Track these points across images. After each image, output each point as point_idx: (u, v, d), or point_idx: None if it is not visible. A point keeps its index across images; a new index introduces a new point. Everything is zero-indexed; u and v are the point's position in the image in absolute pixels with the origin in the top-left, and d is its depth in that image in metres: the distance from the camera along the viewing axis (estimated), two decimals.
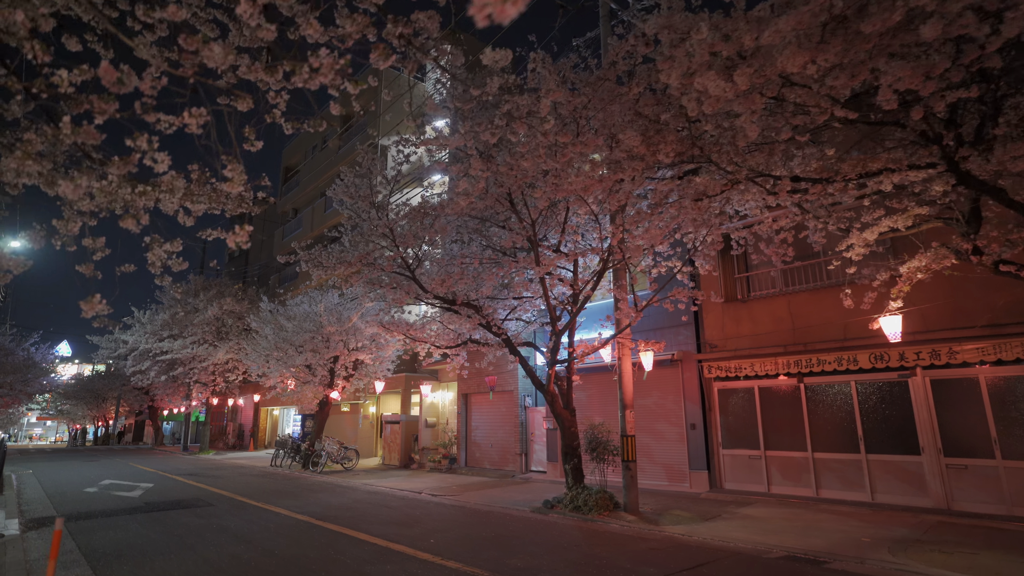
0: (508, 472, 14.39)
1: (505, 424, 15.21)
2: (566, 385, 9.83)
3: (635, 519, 8.21)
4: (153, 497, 10.89)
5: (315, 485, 13.05)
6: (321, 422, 17.29)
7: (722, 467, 10.44)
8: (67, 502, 10.35)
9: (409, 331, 11.61)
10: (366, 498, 10.86)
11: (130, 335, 23.83)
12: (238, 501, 10.32)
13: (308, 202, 28.30)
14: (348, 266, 8.73)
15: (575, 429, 9.56)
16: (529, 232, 8.35)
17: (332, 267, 9.09)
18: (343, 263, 8.91)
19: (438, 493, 11.38)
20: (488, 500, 10.33)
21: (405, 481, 13.51)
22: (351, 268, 8.96)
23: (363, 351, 15.75)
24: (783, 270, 10.10)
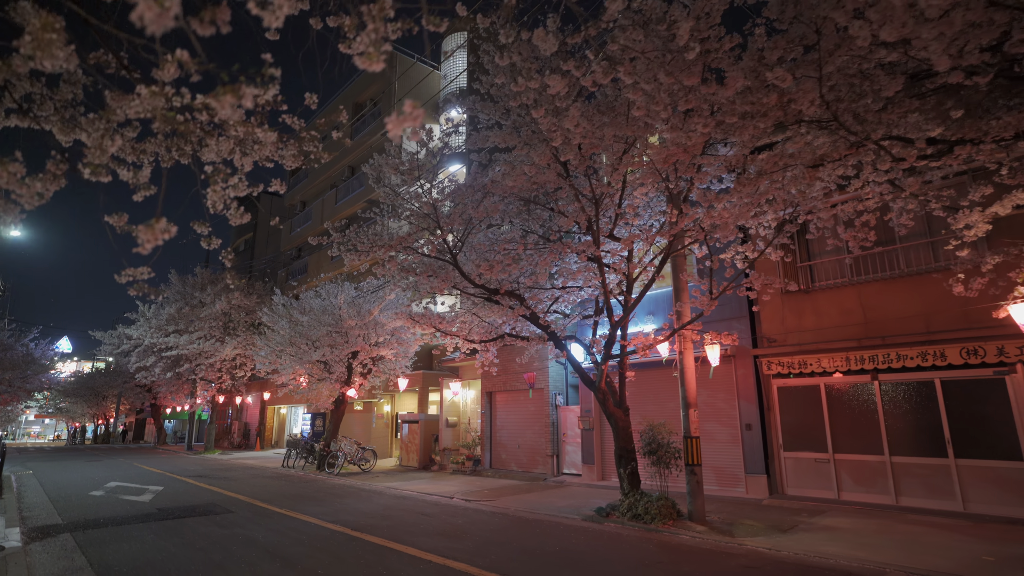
0: (538, 475, 13.59)
1: (534, 424, 14.41)
2: (618, 382, 9.04)
3: (705, 529, 7.41)
4: (165, 502, 10.07)
5: (336, 489, 12.23)
6: (337, 421, 16.46)
7: (783, 471, 9.64)
8: (72, 507, 9.53)
9: (440, 324, 10.81)
10: (396, 504, 10.04)
11: (134, 330, 22.96)
12: (259, 507, 9.50)
13: (317, 194, 27.47)
14: (388, 248, 7.90)
15: (630, 430, 8.76)
16: (590, 211, 7.52)
17: (367, 251, 8.26)
18: (380, 246, 8.08)
19: (471, 498, 10.58)
20: (529, 506, 9.53)
21: (430, 484, 12.70)
22: (388, 252, 8.13)
23: (384, 346, 14.92)
24: (852, 258, 9.29)
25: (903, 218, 6.85)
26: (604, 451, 12.64)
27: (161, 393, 29.95)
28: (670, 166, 6.44)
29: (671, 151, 5.84)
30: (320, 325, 14.56)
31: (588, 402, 12.93)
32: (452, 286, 9.13)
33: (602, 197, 7.47)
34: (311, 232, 26.52)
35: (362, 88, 25.21)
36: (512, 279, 9.19)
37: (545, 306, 9.91)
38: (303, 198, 29.05)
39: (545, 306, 9.91)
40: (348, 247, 8.38)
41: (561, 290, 9.87)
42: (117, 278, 2.84)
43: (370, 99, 25.04)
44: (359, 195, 23.19)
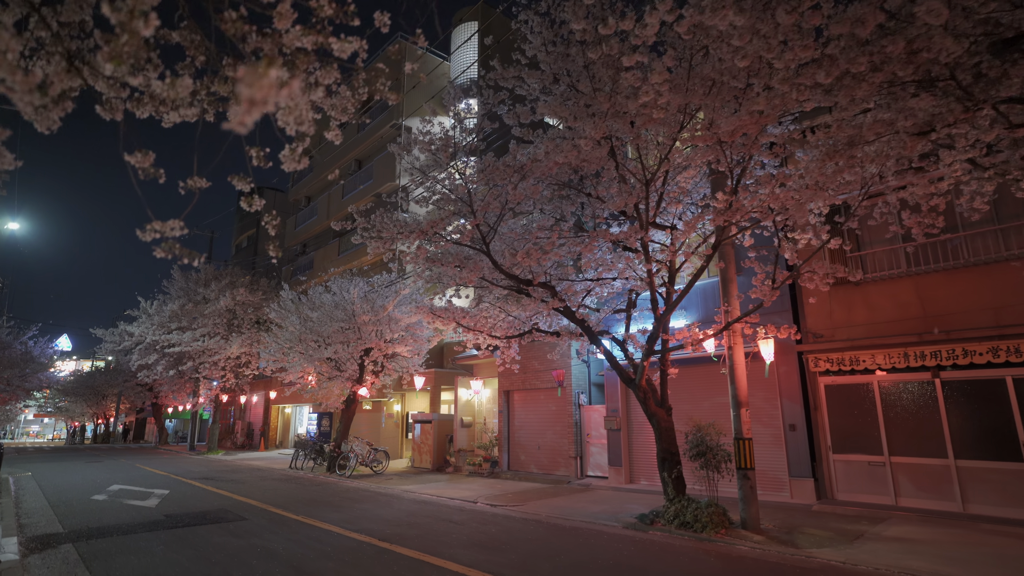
0: (561, 477, 12.98)
1: (555, 424, 13.80)
2: (659, 380, 8.44)
3: (763, 539, 6.81)
4: (172, 507, 9.46)
5: (351, 493, 11.62)
6: (348, 421, 15.85)
7: (832, 475, 9.04)
8: (74, 513, 8.92)
9: (463, 319, 10.21)
10: (418, 509, 9.44)
11: (136, 327, 22.32)
12: (273, 514, 8.89)
13: (323, 189, 26.84)
14: (419, 234, 7.27)
15: (673, 431, 8.16)
16: (639, 193, 6.90)
17: (392, 238, 7.64)
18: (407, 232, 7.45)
19: (497, 503, 9.97)
20: (560, 512, 8.92)
21: (449, 488, 12.09)
22: (419, 238, 7.50)
23: (400, 343, 14.30)
24: (909, 247, 8.68)
25: (976, 202, 6.26)
26: (632, 453, 12.05)
27: (163, 392, 29.32)
28: (733, 141, 5.84)
29: (742, 121, 5.24)
30: (332, 321, 13.93)
31: (615, 401, 12.34)
32: (480, 277, 8.52)
33: (653, 178, 6.86)
34: (317, 227, 25.92)
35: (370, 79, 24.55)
36: (543, 270, 8.59)
37: (578, 299, 9.29)
38: (308, 193, 28.42)
39: (578, 299, 9.29)
40: (372, 234, 7.75)
41: (594, 282, 9.26)
42: (140, 234, 2.24)
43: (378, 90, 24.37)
44: (367, 189, 22.57)
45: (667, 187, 7.81)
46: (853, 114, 4.52)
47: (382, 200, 21.89)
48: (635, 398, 12.29)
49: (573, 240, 7.80)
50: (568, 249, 7.72)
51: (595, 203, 8.28)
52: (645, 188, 6.80)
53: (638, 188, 6.86)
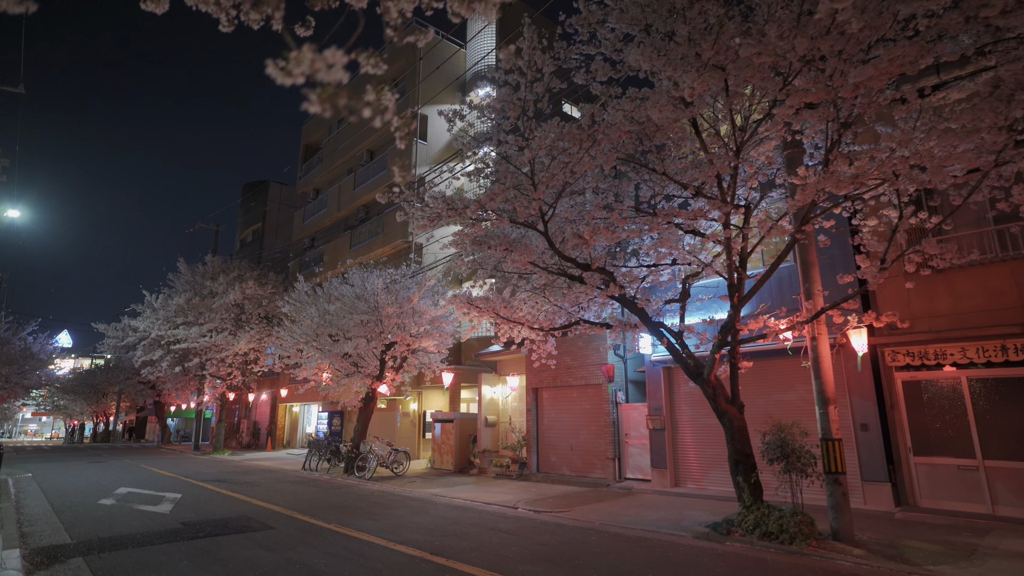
0: (597, 480, 12.19)
1: (589, 423, 13.01)
2: (728, 375, 7.65)
3: (864, 553, 6.02)
4: (188, 514, 8.65)
5: (377, 497, 10.82)
6: (366, 420, 15.04)
7: (914, 479, 8.26)
8: (81, 520, 8.11)
9: (503, 309, 9.43)
10: (458, 516, 8.64)
11: (141, 321, 21.46)
12: (301, 521, 8.09)
13: (332, 181, 26.00)
14: (476, 207, 6.44)
15: (747, 431, 7.38)
16: (724, 164, 6.10)
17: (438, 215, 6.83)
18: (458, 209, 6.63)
19: (540, 509, 9.18)
20: (614, 519, 8.13)
21: (480, 491, 11.30)
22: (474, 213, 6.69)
23: (425, 336, 13.49)
24: (1011, 228, 7.89)
25: None
26: (677, 454, 11.26)
27: (166, 390, 28.48)
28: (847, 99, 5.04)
29: (879, 69, 4.45)
30: (353, 313, 13.09)
31: (657, 399, 11.55)
32: (531, 262, 7.72)
33: (743, 146, 6.06)
34: (327, 220, 25.08)
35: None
36: (599, 254, 7.80)
37: (635, 287, 8.49)
38: (316, 185, 27.56)
39: (635, 287, 8.49)
40: (419, 211, 6.93)
41: (650, 268, 8.46)
42: (275, 72, 1.48)
43: (391, 78, 23.57)
44: (380, 179, 21.75)
45: (745, 161, 7.02)
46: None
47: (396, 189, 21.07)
48: (680, 395, 11.55)
49: (642, 219, 6.98)
50: (638, 228, 6.91)
51: (657, 180, 7.48)
52: (735, 155, 5.99)
53: (722, 158, 6.05)
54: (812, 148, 7.01)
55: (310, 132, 28.79)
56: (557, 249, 7.30)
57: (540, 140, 5.94)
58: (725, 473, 10.52)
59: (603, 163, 6.13)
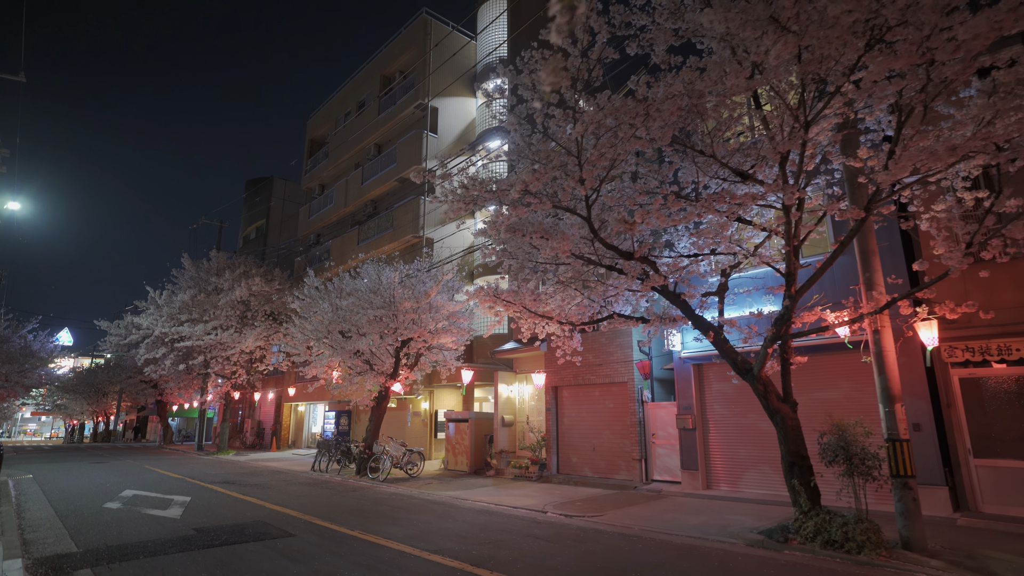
0: (623, 482, 11.69)
1: (613, 423, 12.51)
2: (780, 371, 7.15)
3: (943, 564, 5.52)
4: (200, 519, 8.14)
5: (396, 500, 10.32)
6: (379, 420, 14.54)
7: (974, 483, 7.76)
8: (87, 526, 7.60)
9: (533, 302, 8.93)
10: (487, 522, 8.14)
11: (144, 319, 20.93)
12: (322, 528, 7.58)
13: (339, 176, 25.48)
14: (535, 178, 5.87)
15: (801, 430, 6.88)
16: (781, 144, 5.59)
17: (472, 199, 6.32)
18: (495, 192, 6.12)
19: (571, 513, 8.68)
20: (654, 525, 7.63)
21: (501, 494, 10.80)
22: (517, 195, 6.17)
23: (444, 333, 12.98)
24: None
25: None
26: (709, 455, 10.76)
27: (168, 389, 27.95)
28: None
29: (992, 24, 3.95)
30: (368, 308, 12.56)
31: (687, 397, 11.05)
32: (569, 251, 7.21)
33: (814, 119, 5.55)
34: (333, 215, 24.56)
35: (390, 59, 23.24)
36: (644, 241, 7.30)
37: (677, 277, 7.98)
38: (321, 181, 27.04)
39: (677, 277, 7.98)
40: (459, 196, 6.41)
41: (692, 258, 7.95)
42: None
43: (399, 71, 23.07)
44: (389, 173, 21.25)
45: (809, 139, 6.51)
46: None
47: (408, 183, 20.58)
48: (711, 393, 11.05)
49: (699, 204, 6.46)
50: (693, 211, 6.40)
51: (703, 164, 6.97)
52: (804, 130, 5.48)
53: (793, 135, 5.54)
54: (875, 125, 6.50)
55: (316, 126, 28.27)
56: (599, 236, 6.79)
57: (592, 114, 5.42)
58: (761, 475, 10.04)
59: (658, 139, 5.61)
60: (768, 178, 6.79)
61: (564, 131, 5.97)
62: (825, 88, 5.80)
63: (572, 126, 5.67)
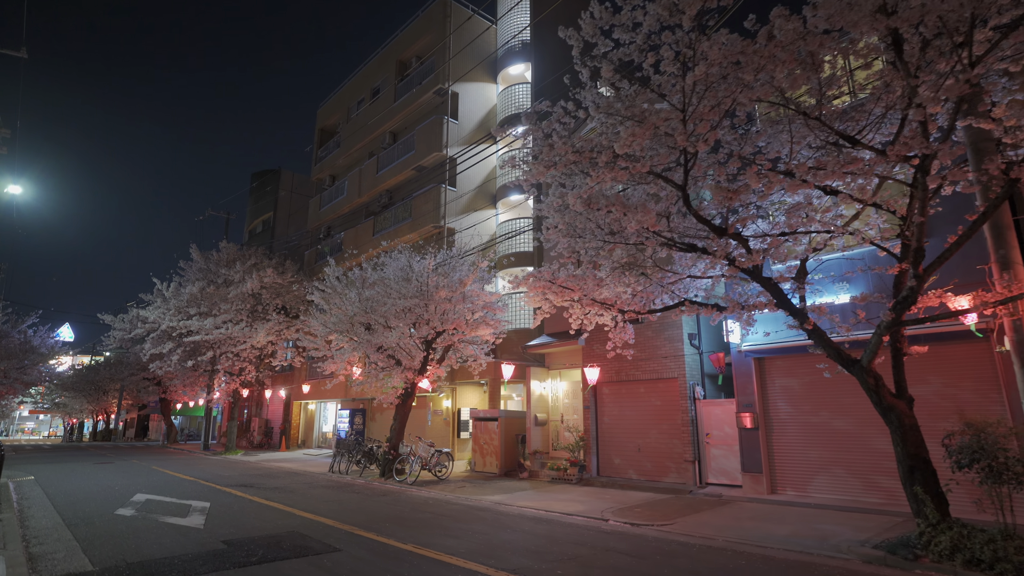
0: (675, 486, 10.82)
1: (661, 421, 11.64)
2: (891, 362, 6.30)
3: None
4: (226, 528, 7.25)
5: (435, 506, 9.45)
6: (403, 418, 13.66)
7: None
8: (99, 537, 6.71)
9: (596, 288, 8.08)
10: (549, 531, 7.27)
11: (151, 311, 20.00)
12: (367, 540, 6.70)
13: (352, 165, 24.57)
14: (633, 136, 4.99)
15: (919, 429, 6.03)
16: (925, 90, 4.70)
17: (553, 163, 5.45)
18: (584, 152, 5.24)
19: (636, 521, 7.82)
20: (739, 535, 6.77)
21: (546, 498, 9.93)
22: (607, 160, 5.30)
23: (481, 325, 12.09)
24: None
25: None
26: (773, 456, 9.90)
27: (173, 386, 27.04)
28: None
29: None
30: (397, 298, 11.65)
31: (748, 394, 10.19)
32: (649, 227, 6.33)
33: (980, 60, 4.68)
34: (346, 206, 23.65)
35: (407, 44, 22.34)
36: (733, 214, 6.44)
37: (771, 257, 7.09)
38: (333, 171, 26.12)
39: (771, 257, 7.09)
40: (546, 154, 5.52)
41: (785, 236, 7.06)
42: None
43: (416, 56, 22.18)
44: (407, 161, 20.34)
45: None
46: None
47: (427, 172, 19.69)
48: (775, 389, 10.15)
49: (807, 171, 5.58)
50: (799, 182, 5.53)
51: (801, 129, 6.11)
52: (969, 67, 4.59)
53: (953, 85, 4.63)
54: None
55: (326, 115, 27.35)
56: (691, 207, 5.92)
57: (717, 53, 4.53)
58: (834, 479, 9.18)
59: (789, 86, 4.74)
60: (875, 143, 5.93)
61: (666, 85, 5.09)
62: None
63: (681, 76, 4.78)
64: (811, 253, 7.07)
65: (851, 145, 5.98)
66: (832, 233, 6.82)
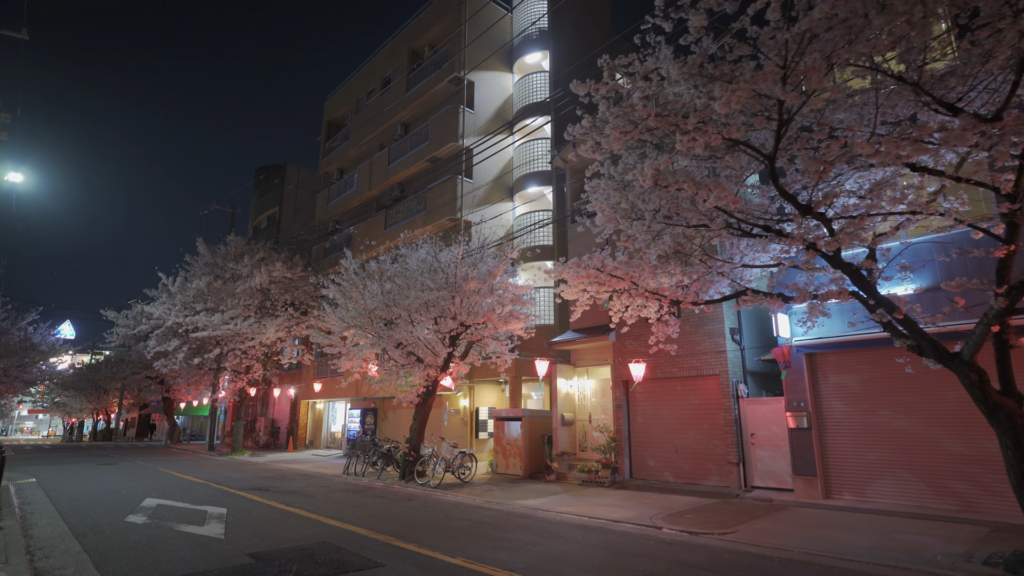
0: (718, 489, 10.19)
1: (700, 421, 11.01)
2: (995, 356, 5.67)
3: None
4: (250, 539, 6.61)
5: (469, 512, 8.81)
6: (424, 418, 13.01)
7: None
8: (112, 549, 6.07)
9: (647, 279, 7.46)
10: (604, 542, 6.63)
11: (156, 307, 19.33)
12: (409, 552, 6.06)
13: (361, 158, 23.92)
14: (732, 93, 4.35)
15: None
16: None
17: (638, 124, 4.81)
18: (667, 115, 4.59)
19: (692, 529, 7.18)
20: (815, 546, 6.14)
21: (583, 503, 9.30)
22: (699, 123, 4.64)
23: (512, 319, 11.45)
24: None
25: None
26: (827, 458, 9.28)
27: (176, 385, 26.36)
28: None
29: None
30: (420, 291, 10.99)
31: (799, 392, 9.57)
32: (730, 204, 5.69)
33: None
34: (355, 200, 22.99)
35: (420, 32, 21.68)
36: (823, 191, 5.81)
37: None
38: (341, 165, 25.46)
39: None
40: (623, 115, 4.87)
41: (873, 217, 6.41)
42: None
43: (428, 45, 21.53)
44: (420, 152, 19.69)
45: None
46: None
47: (441, 163, 19.04)
48: (828, 387, 9.49)
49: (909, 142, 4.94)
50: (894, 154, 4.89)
51: (890, 97, 5.46)
52: None
53: None
54: None
55: (334, 108, 26.68)
56: (779, 183, 5.29)
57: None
58: (899, 483, 8.56)
59: (918, 32, 4.10)
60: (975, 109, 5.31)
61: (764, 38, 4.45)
62: None
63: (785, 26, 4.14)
64: (892, 236, 6.44)
65: (952, 114, 5.36)
66: (920, 213, 6.20)
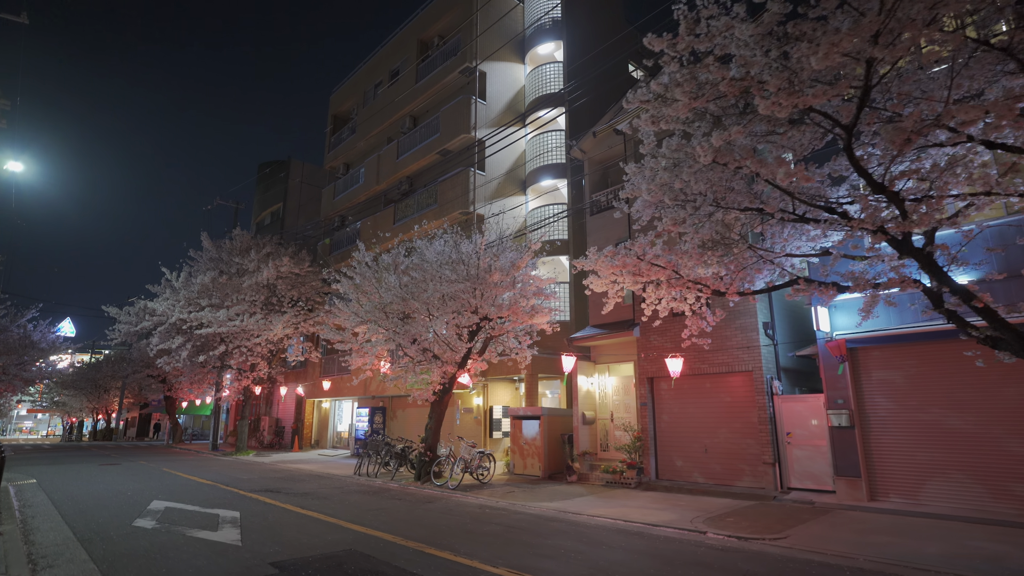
0: (753, 491, 9.73)
1: (732, 420, 10.54)
2: None
3: None
4: (270, 545, 6.13)
5: (497, 516, 8.34)
6: (440, 417, 12.54)
7: None
8: (120, 557, 5.59)
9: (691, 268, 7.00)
10: (649, 548, 6.16)
11: (160, 303, 18.83)
12: (445, 561, 5.59)
13: (368, 152, 23.44)
14: (833, 45, 3.86)
15: None
16: None
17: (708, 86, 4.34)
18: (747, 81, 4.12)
19: (741, 534, 6.72)
20: (882, 554, 5.69)
21: (614, 505, 8.83)
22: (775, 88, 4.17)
23: (537, 312, 10.97)
24: None
25: None
26: (871, 458, 8.81)
27: (178, 384, 25.85)
28: None
29: None
30: (440, 284, 10.51)
31: (841, 389, 9.10)
32: (801, 180, 5.21)
33: None
34: (362, 194, 22.51)
35: (429, 22, 21.21)
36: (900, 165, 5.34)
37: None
38: (347, 159, 24.97)
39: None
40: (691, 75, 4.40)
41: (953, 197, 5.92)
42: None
43: (438, 35, 21.05)
44: (430, 144, 19.21)
45: None
46: None
47: (451, 156, 18.57)
48: (872, 383, 8.96)
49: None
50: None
51: (977, 65, 5.00)
52: None
53: None
54: None
55: (340, 101, 26.19)
56: (854, 157, 4.81)
57: None
58: (952, 485, 8.09)
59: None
60: None
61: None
62: None
63: None
64: (966, 218, 5.97)
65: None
66: (995, 194, 5.73)
